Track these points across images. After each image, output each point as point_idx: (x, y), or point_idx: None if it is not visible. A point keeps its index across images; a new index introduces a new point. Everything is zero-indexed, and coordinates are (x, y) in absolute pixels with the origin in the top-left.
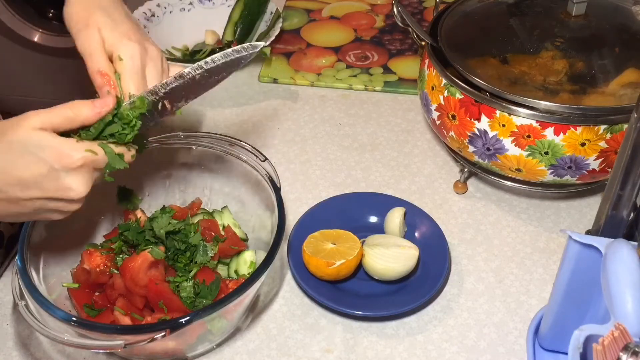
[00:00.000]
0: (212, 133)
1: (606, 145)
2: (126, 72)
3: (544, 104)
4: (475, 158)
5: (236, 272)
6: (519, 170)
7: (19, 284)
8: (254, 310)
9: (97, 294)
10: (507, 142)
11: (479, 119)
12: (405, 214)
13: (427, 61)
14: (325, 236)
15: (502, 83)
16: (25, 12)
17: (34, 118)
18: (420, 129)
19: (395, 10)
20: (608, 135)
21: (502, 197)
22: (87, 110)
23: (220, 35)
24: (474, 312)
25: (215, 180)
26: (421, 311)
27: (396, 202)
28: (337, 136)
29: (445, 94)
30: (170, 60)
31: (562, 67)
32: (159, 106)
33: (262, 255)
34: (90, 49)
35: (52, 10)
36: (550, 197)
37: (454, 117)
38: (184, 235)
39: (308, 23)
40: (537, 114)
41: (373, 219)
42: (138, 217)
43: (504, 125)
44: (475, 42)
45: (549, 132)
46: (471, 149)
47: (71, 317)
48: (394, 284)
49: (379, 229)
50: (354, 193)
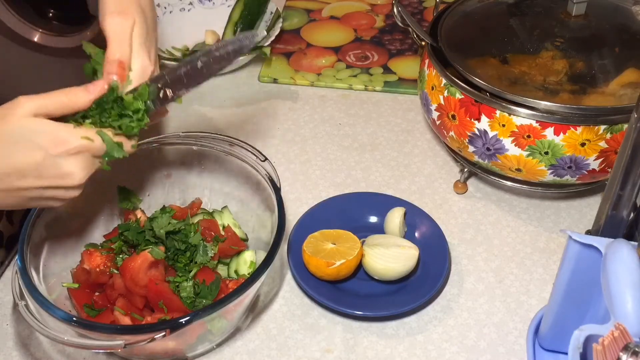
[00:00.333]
0: (212, 133)
1: (606, 145)
2: (133, 82)
3: (544, 104)
4: (475, 158)
5: (236, 272)
6: (519, 170)
7: (19, 284)
8: (254, 310)
9: (97, 294)
10: (507, 142)
11: (479, 119)
12: (405, 214)
13: (427, 61)
14: (325, 236)
15: (502, 83)
16: (25, 12)
17: (27, 104)
18: (420, 129)
19: (395, 10)
20: (608, 135)
21: (502, 197)
22: (81, 95)
23: (220, 35)
24: (474, 312)
25: (215, 180)
26: (421, 311)
27: (396, 202)
28: (337, 136)
29: (445, 94)
30: (170, 61)
31: (562, 67)
32: (161, 94)
33: (262, 255)
34: (120, 35)
35: (52, 10)
36: (550, 197)
37: (454, 117)
38: (184, 235)
39: (308, 23)
40: (537, 114)
41: (373, 219)
42: (138, 217)
43: (504, 125)
44: (475, 42)
45: (549, 132)
46: (471, 149)
47: (71, 317)
48: (394, 284)
49: (379, 229)
50: (354, 193)
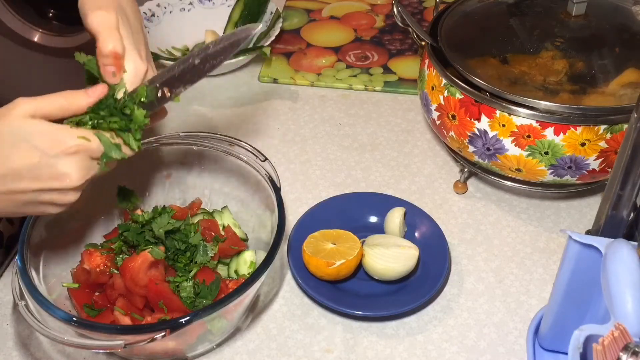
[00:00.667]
0: (212, 133)
1: (606, 145)
2: (126, 83)
3: (544, 104)
4: (475, 158)
5: (236, 272)
6: (519, 170)
7: (19, 284)
8: (254, 310)
9: (97, 294)
10: (507, 142)
11: (479, 119)
12: (405, 214)
13: (427, 61)
14: (325, 236)
15: (502, 83)
16: (25, 12)
17: (24, 105)
18: (420, 129)
19: (395, 10)
20: (608, 135)
21: (502, 197)
22: (80, 98)
23: (220, 35)
24: (474, 312)
25: (215, 180)
26: (421, 311)
27: (396, 202)
28: (337, 136)
29: (445, 94)
30: (170, 61)
31: (562, 67)
32: (159, 94)
33: (262, 255)
34: (107, 26)
35: (52, 10)
36: (550, 197)
37: (454, 117)
38: (184, 235)
39: (308, 23)
40: (537, 114)
41: (373, 219)
42: (141, 212)
43: (504, 125)
44: (475, 42)
45: (549, 132)
46: (471, 149)
47: (71, 317)
48: (394, 284)
49: (379, 229)
50: (354, 193)
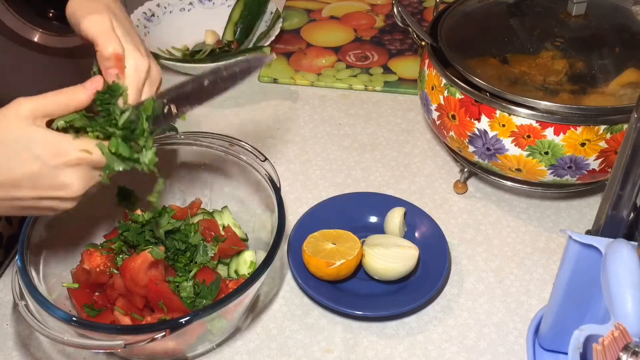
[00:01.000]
0: (212, 133)
1: (606, 145)
2: (129, 82)
3: (544, 104)
4: (475, 158)
5: (236, 272)
6: (519, 170)
7: (19, 284)
8: (254, 310)
9: (97, 294)
10: (507, 142)
11: (479, 119)
12: (405, 214)
13: (427, 61)
14: (325, 236)
15: (502, 83)
16: (25, 12)
17: (24, 105)
18: (420, 129)
19: (395, 10)
20: (608, 135)
21: (502, 197)
22: (79, 93)
23: (220, 35)
24: (474, 312)
25: (215, 180)
26: (421, 311)
27: (396, 202)
28: (337, 136)
29: (445, 94)
30: (170, 61)
31: (562, 67)
32: (165, 110)
33: (262, 255)
34: (103, 29)
35: (52, 10)
36: (550, 197)
37: (454, 117)
38: (184, 235)
39: (308, 23)
40: (537, 114)
41: (373, 219)
42: (141, 213)
43: (504, 125)
44: (475, 42)
45: (549, 132)
46: (471, 149)
47: (71, 317)
48: (394, 284)
49: (379, 229)
50: (354, 193)
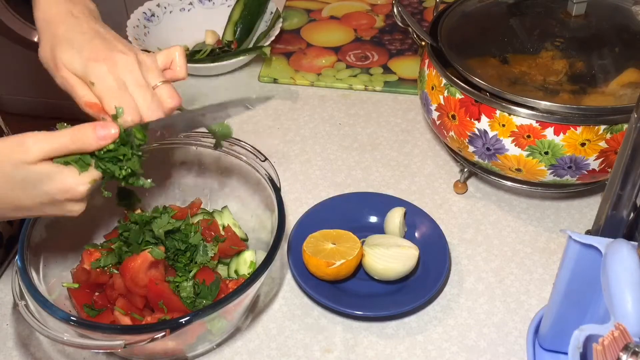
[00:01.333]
0: None
1: (606, 145)
2: (102, 94)
3: (544, 104)
4: (475, 158)
5: (236, 272)
6: (519, 170)
7: (19, 284)
8: (254, 310)
9: (97, 294)
10: (507, 142)
11: (479, 119)
12: (405, 214)
13: (427, 61)
14: (325, 236)
15: (502, 83)
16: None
17: (34, 147)
18: (420, 129)
19: (395, 10)
20: (608, 135)
21: (502, 197)
22: (90, 141)
23: (220, 35)
24: (474, 312)
25: (215, 180)
26: (421, 311)
27: (396, 202)
28: (337, 136)
29: (445, 94)
30: None
31: (562, 67)
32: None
33: (262, 255)
34: (68, 88)
35: None
36: (550, 197)
37: (454, 117)
38: (184, 235)
39: (308, 23)
40: (537, 114)
41: (373, 219)
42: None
43: (504, 125)
44: (475, 42)
45: (549, 132)
46: (471, 149)
47: (71, 317)
48: (394, 284)
49: (379, 229)
50: (354, 193)
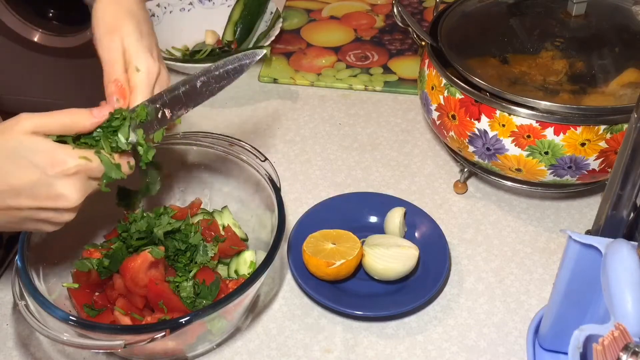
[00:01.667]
0: (212, 133)
1: (606, 145)
2: (141, 84)
3: (544, 104)
4: (475, 158)
5: (236, 272)
6: (519, 170)
7: (19, 284)
8: (254, 310)
9: (97, 294)
10: (507, 142)
11: (479, 119)
12: (405, 214)
13: (427, 61)
14: (325, 236)
15: (502, 83)
16: (25, 12)
17: (27, 121)
18: (420, 129)
19: (395, 10)
20: (608, 135)
21: (502, 197)
22: (85, 118)
23: (220, 35)
24: (474, 312)
25: (215, 180)
26: (421, 311)
27: (396, 202)
28: (337, 136)
29: (445, 94)
30: (170, 61)
31: (562, 67)
32: (159, 114)
33: (262, 255)
34: (110, 58)
35: (52, 10)
36: (550, 197)
37: (454, 117)
38: (184, 235)
39: (308, 23)
40: (537, 114)
41: (373, 219)
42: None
43: (504, 125)
44: (475, 42)
45: (549, 132)
46: (471, 149)
47: (71, 317)
48: (394, 284)
49: (379, 229)
50: (354, 193)
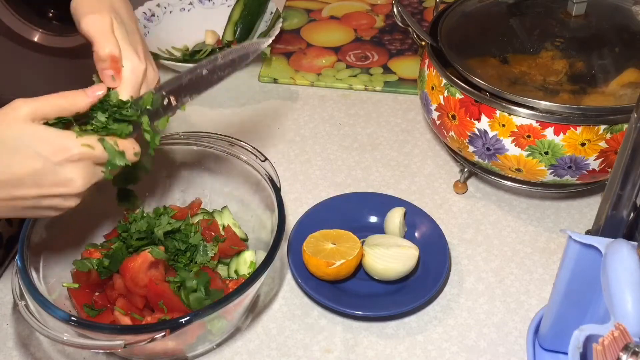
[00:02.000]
0: (212, 133)
1: (606, 145)
2: (125, 82)
3: (544, 104)
4: (475, 158)
5: (236, 272)
6: (519, 170)
7: (19, 284)
8: (254, 310)
9: (97, 294)
10: (507, 142)
11: (479, 119)
12: (405, 214)
13: (427, 61)
14: (325, 236)
15: (502, 83)
16: (25, 12)
17: (23, 107)
18: (420, 129)
19: (395, 10)
20: (608, 135)
21: (502, 197)
22: (80, 98)
23: (220, 35)
24: (474, 312)
25: (215, 180)
26: (421, 311)
27: (396, 202)
28: (337, 136)
29: (445, 94)
30: (170, 61)
31: (562, 67)
32: (165, 102)
33: (262, 255)
34: (101, 30)
35: (52, 10)
36: (550, 197)
37: (454, 117)
38: (184, 235)
39: (308, 23)
40: (537, 114)
41: (373, 219)
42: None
43: (504, 125)
44: (475, 42)
45: (549, 132)
46: (471, 149)
47: (71, 317)
48: (394, 284)
49: (379, 229)
50: (354, 193)
